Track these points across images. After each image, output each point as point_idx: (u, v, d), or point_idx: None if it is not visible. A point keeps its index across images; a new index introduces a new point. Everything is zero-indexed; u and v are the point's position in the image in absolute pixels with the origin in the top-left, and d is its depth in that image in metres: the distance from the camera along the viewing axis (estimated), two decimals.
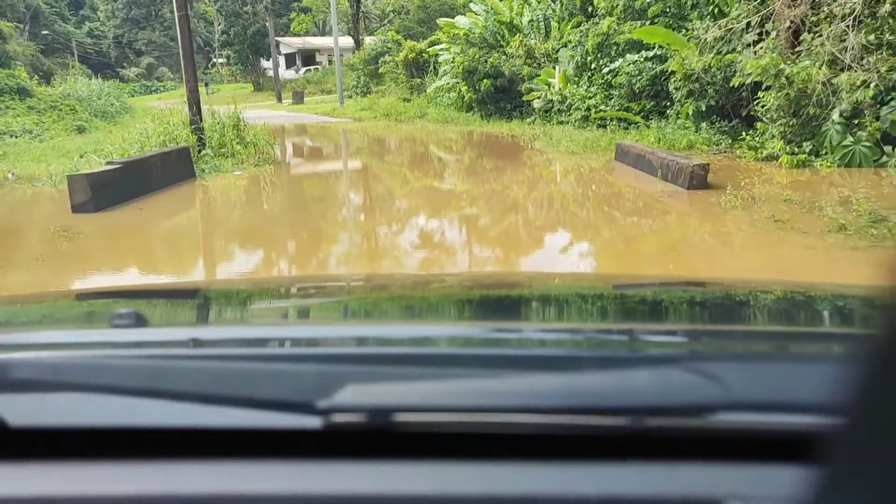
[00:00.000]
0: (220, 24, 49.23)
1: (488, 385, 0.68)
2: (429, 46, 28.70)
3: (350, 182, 13.72)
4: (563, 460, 0.63)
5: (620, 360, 0.76)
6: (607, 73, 17.07)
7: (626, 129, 15.57)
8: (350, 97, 35.76)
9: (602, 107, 16.83)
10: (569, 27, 20.67)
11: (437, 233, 8.51)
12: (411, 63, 29.61)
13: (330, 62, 48.26)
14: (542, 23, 22.27)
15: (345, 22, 44.47)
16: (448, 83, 24.75)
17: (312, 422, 0.64)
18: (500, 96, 21.42)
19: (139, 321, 0.97)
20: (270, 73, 51.90)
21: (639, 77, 15.72)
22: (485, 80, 21.00)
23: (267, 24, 47.62)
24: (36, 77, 30.40)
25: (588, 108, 17.19)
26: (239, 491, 0.61)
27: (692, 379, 0.67)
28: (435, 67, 28.57)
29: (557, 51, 21.09)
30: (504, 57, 21.78)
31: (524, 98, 20.25)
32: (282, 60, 56.17)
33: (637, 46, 16.13)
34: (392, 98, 30.18)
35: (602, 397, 0.65)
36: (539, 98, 19.44)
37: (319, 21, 60.73)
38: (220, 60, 54.53)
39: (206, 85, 51.45)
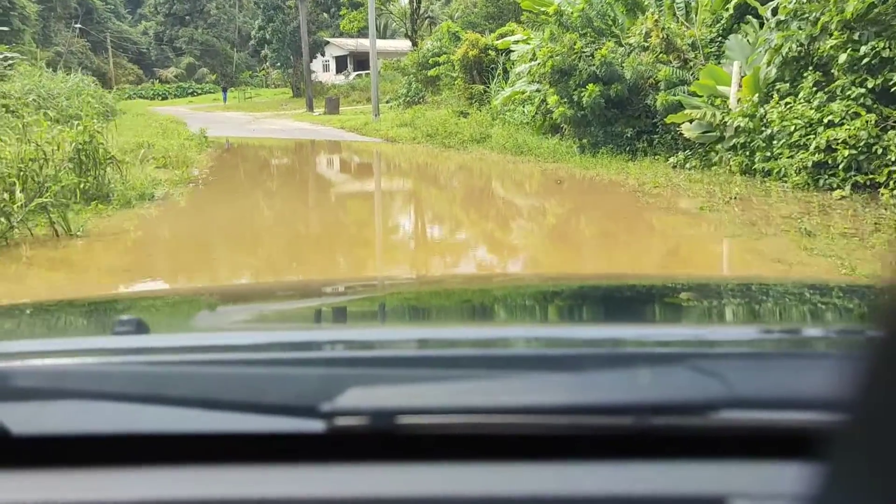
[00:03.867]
0: (257, 20, 41.36)
1: (491, 386, 0.67)
2: (498, 39, 19.73)
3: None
4: (566, 460, 0.62)
5: (623, 359, 0.75)
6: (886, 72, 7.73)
7: None
8: (398, 107, 27.11)
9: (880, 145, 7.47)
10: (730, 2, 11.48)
11: None
12: (472, 63, 20.66)
13: (385, 69, 40.20)
14: None
15: (402, 21, 36.68)
16: (524, 91, 15.67)
17: (315, 425, 0.62)
18: (615, 114, 12.27)
19: (140, 328, 0.91)
20: (316, 76, 44.01)
21: None
22: (590, 87, 11.88)
23: (311, 21, 39.57)
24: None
25: (829, 148, 7.88)
26: (242, 495, 0.59)
27: (695, 377, 0.66)
28: (505, 70, 19.59)
29: (717, 39, 11.84)
30: (621, 50, 12.62)
31: (667, 120, 10.98)
32: (332, 63, 48.43)
33: None
34: (445, 111, 21.37)
35: (605, 396, 0.64)
36: (697, 120, 10.23)
37: (380, 23, 53.15)
38: (277, 64, 47.09)
39: (225, 91, 43.84)
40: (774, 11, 10.08)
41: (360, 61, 48.10)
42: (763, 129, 9.04)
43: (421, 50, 30.88)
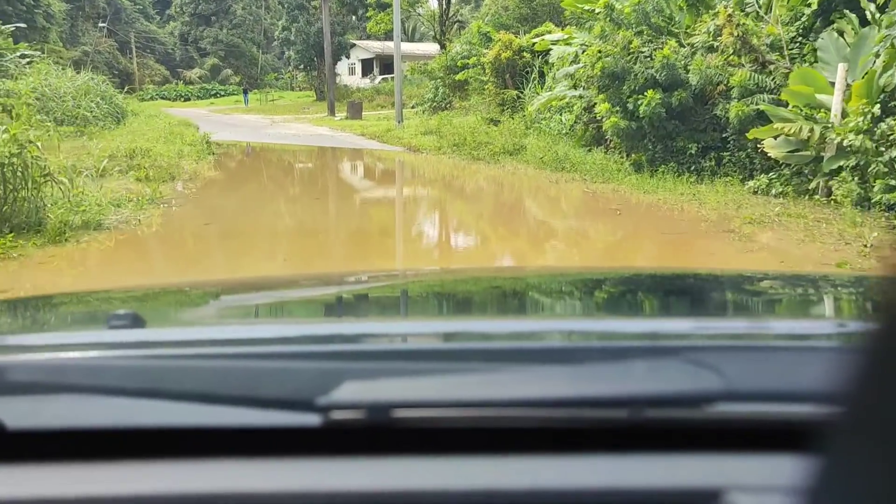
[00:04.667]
0: (280, 20, 39.84)
1: (487, 379, 0.67)
2: (534, 39, 17.83)
3: None
4: (562, 453, 0.62)
5: (619, 352, 0.74)
6: None
7: None
8: (423, 112, 25.37)
9: None
10: None
11: None
12: (505, 66, 18.78)
13: (412, 73, 38.46)
14: None
15: (430, 24, 35.02)
16: (563, 96, 13.74)
17: (312, 419, 0.62)
18: (676, 126, 10.28)
19: (136, 322, 0.91)
20: (341, 79, 42.45)
21: None
22: (649, 94, 9.91)
23: (337, 23, 37.99)
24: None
25: None
26: (239, 489, 0.59)
27: (691, 370, 0.66)
28: (542, 74, 17.69)
29: (797, 38, 9.84)
30: (684, 51, 10.65)
31: (749, 135, 8.95)
32: (358, 66, 46.84)
33: None
34: (474, 118, 19.52)
35: (601, 389, 0.64)
36: (786, 135, 8.21)
37: (408, 27, 51.49)
38: (300, 66, 45.57)
39: (246, 93, 42.40)
40: (885, 3, 8.06)
41: (387, 65, 46.37)
42: (883, 149, 7.02)
43: (449, 53, 29.19)
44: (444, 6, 32.15)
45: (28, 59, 24.15)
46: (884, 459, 0.36)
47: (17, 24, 27.32)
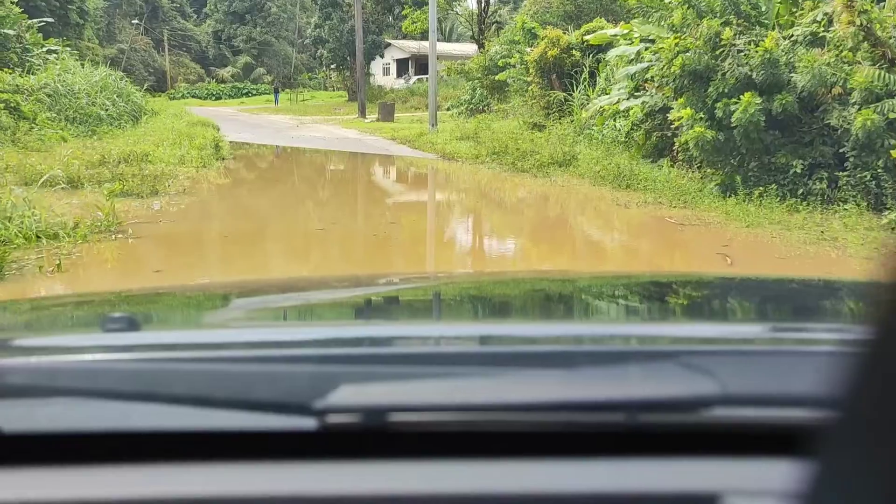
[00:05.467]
0: (314, 17, 38.24)
1: (483, 383, 0.67)
2: (584, 35, 15.84)
3: None
4: (558, 457, 0.61)
5: (614, 356, 0.74)
6: None
7: None
8: (459, 115, 23.54)
9: None
10: None
11: None
12: (551, 66, 16.78)
13: (448, 73, 36.58)
14: None
15: (468, 23, 33.44)
16: (626, 100, 11.69)
17: (308, 423, 0.62)
18: (775, 138, 8.19)
19: (132, 325, 0.89)
20: (375, 79, 40.78)
21: None
22: (746, 97, 7.84)
23: (372, 21, 36.34)
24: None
25: None
26: (235, 493, 0.59)
27: (687, 374, 0.66)
28: (592, 74, 15.68)
29: None
30: (785, 44, 8.54)
31: (894, 153, 6.83)
32: (392, 67, 45.14)
33: None
34: (514, 122, 17.58)
35: (597, 393, 0.63)
36: None
37: (445, 27, 49.70)
38: (332, 66, 43.98)
39: (276, 92, 40.92)
40: None
41: (422, 65, 44.53)
42: None
43: (488, 52, 27.32)
44: (483, 4, 30.32)
45: (56, 55, 22.95)
46: (879, 463, 0.35)
47: (45, 19, 26.02)
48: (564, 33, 17.17)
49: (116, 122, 19.76)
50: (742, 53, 8.27)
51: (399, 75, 44.55)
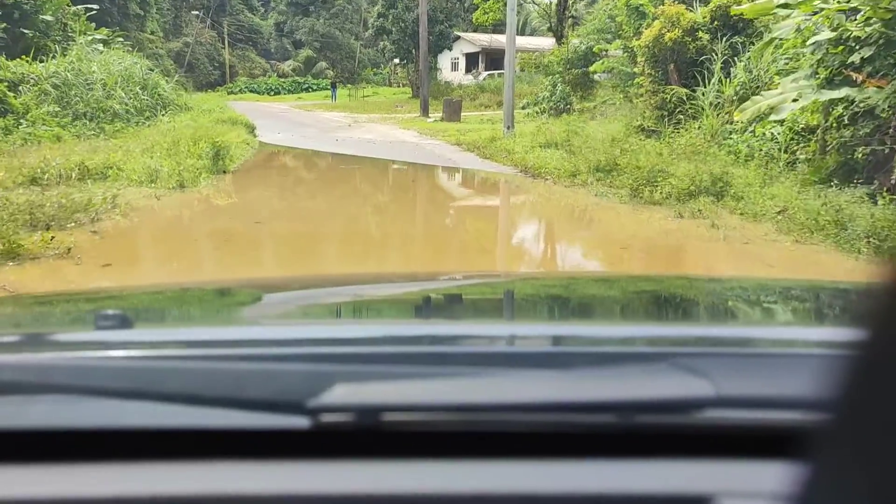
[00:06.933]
0: (376, 6, 34.71)
1: (477, 383, 0.66)
2: (713, 15, 11.72)
3: None
4: (553, 457, 0.61)
5: (609, 358, 0.73)
6: None
7: None
8: (537, 115, 19.64)
9: None
10: None
11: None
12: (668, 53, 12.61)
13: (523, 67, 32.59)
14: None
15: (544, 16, 29.29)
16: (813, 92, 7.49)
17: (301, 422, 0.61)
18: None
19: (125, 322, 0.88)
20: (441, 75, 37.03)
21: None
22: None
23: (440, 10, 32.66)
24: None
25: None
26: (228, 491, 0.58)
27: (681, 375, 0.65)
28: (727, 67, 11.56)
29: None
30: None
31: None
32: (461, 61, 41.33)
33: None
34: (611, 124, 13.57)
35: (591, 394, 0.63)
36: None
37: (519, 20, 45.74)
38: (396, 60, 40.49)
39: (334, 87, 37.64)
40: None
41: (494, 60, 40.62)
42: None
43: (569, 43, 23.31)
44: None
45: (106, 45, 20.22)
46: (872, 466, 0.35)
47: (91, 6, 23.34)
48: (688, 10, 12.93)
49: (137, 118, 16.66)
50: None
51: (468, 70, 40.70)
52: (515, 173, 10.99)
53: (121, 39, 23.21)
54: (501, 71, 39.80)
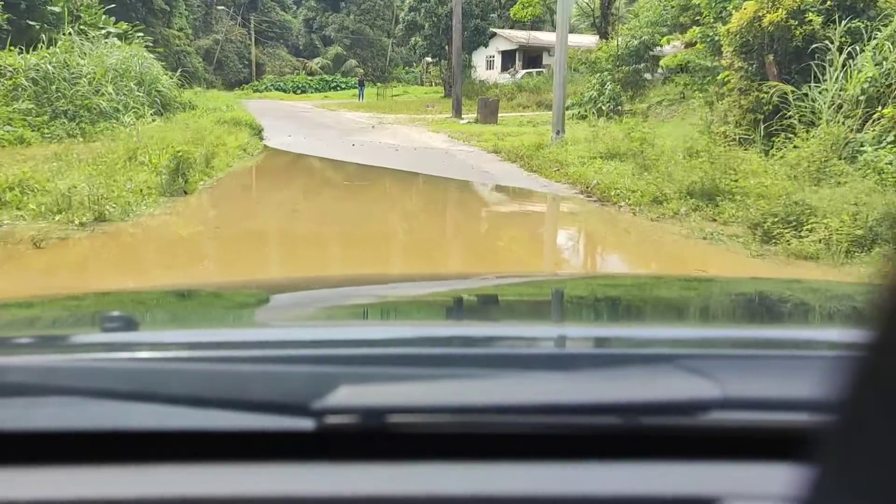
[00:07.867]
0: (407, 0, 32.22)
1: (481, 385, 0.66)
2: None
3: None
4: (557, 460, 0.61)
5: (614, 359, 0.73)
6: None
7: None
8: (585, 117, 17.05)
9: None
10: None
11: None
12: (764, 42, 9.82)
13: (572, 61, 29.68)
14: None
15: (587, 13, 27.17)
16: None
17: (306, 423, 0.61)
18: None
19: (130, 324, 0.89)
20: (476, 73, 34.37)
21: None
22: None
23: (475, 4, 30.03)
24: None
25: None
26: (232, 493, 0.58)
27: (687, 377, 0.65)
28: (850, 56, 8.77)
29: None
30: None
31: None
32: (497, 59, 38.59)
33: None
34: (687, 127, 10.89)
35: (595, 396, 0.63)
36: None
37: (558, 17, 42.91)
38: (429, 58, 37.95)
39: (361, 85, 35.19)
40: None
41: (531, 58, 37.83)
42: None
43: (618, 36, 20.69)
44: None
45: (119, 38, 18.16)
46: (878, 467, 0.35)
47: None
48: None
49: (128, 117, 14.38)
50: None
51: (504, 69, 37.93)
52: (574, 194, 8.34)
53: (140, 34, 21.06)
54: (539, 69, 36.96)
